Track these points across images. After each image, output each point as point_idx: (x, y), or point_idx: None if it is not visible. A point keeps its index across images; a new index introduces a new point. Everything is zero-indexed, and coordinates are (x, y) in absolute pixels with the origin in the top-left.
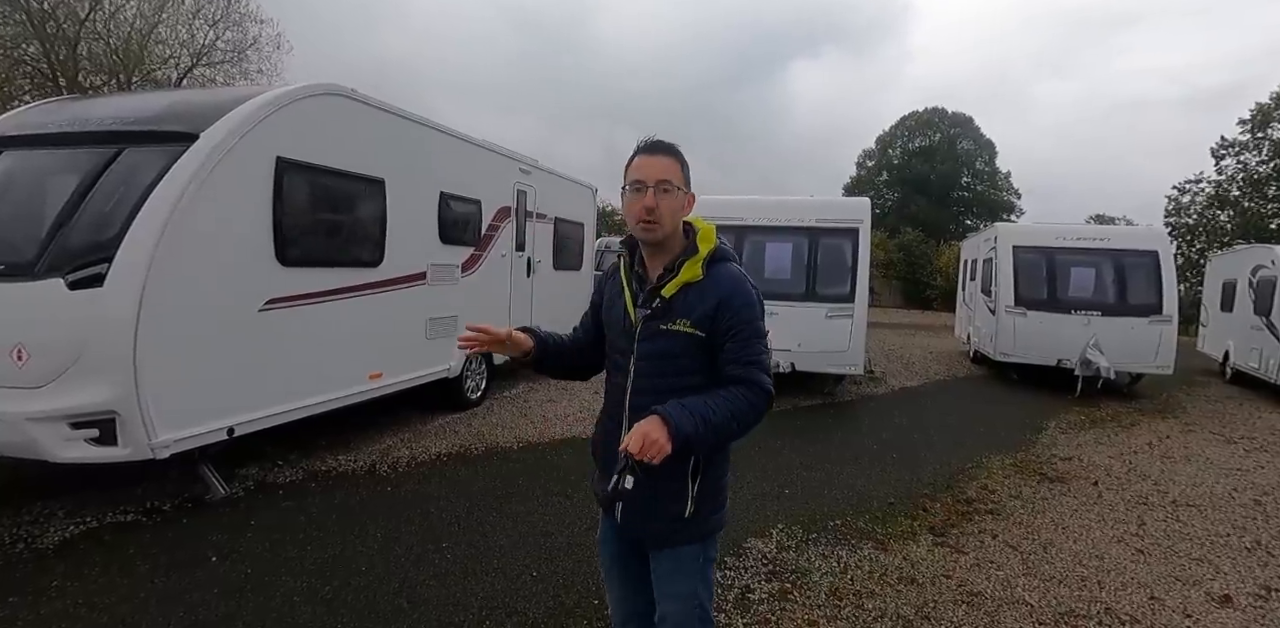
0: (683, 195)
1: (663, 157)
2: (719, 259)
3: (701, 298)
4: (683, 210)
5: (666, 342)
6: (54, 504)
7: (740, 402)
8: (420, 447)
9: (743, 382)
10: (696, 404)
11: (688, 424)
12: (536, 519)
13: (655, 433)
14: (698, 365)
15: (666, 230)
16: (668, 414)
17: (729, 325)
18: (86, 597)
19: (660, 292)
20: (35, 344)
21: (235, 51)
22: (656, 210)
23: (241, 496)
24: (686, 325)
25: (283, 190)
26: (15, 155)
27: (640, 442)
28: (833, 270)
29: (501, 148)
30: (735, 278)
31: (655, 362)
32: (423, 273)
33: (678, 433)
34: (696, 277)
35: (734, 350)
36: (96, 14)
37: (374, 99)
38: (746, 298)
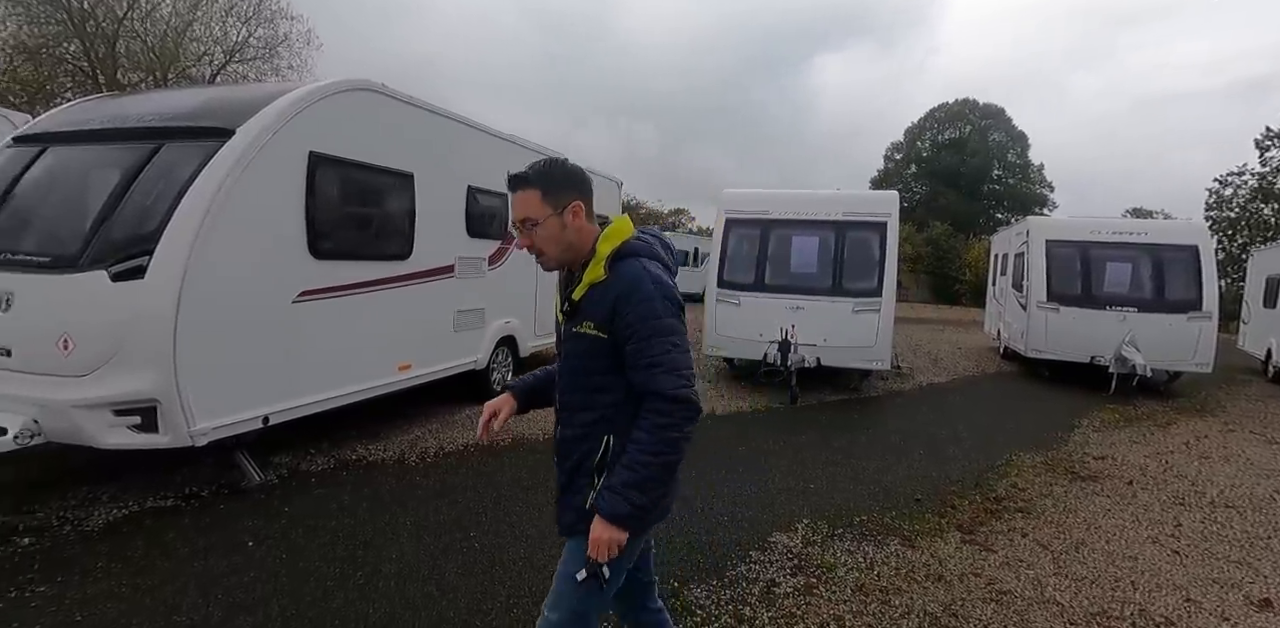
0: (553, 220)
1: (520, 192)
2: (625, 256)
3: (601, 299)
4: (565, 230)
5: (578, 344)
6: (98, 489)
7: (655, 433)
8: (448, 438)
9: (648, 394)
10: (621, 476)
11: (621, 505)
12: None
13: (604, 533)
14: (609, 365)
15: (555, 258)
16: (600, 509)
17: (625, 325)
18: (130, 578)
19: (571, 295)
20: (80, 334)
21: (267, 48)
22: (534, 246)
23: (275, 483)
24: (591, 327)
25: (315, 184)
26: (59, 151)
27: (598, 549)
28: (860, 264)
29: (528, 142)
30: (632, 274)
31: (572, 361)
32: (450, 266)
33: (617, 518)
34: (599, 277)
35: (633, 353)
36: (134, 12)
37: (404, 94)
38: (641, 294)
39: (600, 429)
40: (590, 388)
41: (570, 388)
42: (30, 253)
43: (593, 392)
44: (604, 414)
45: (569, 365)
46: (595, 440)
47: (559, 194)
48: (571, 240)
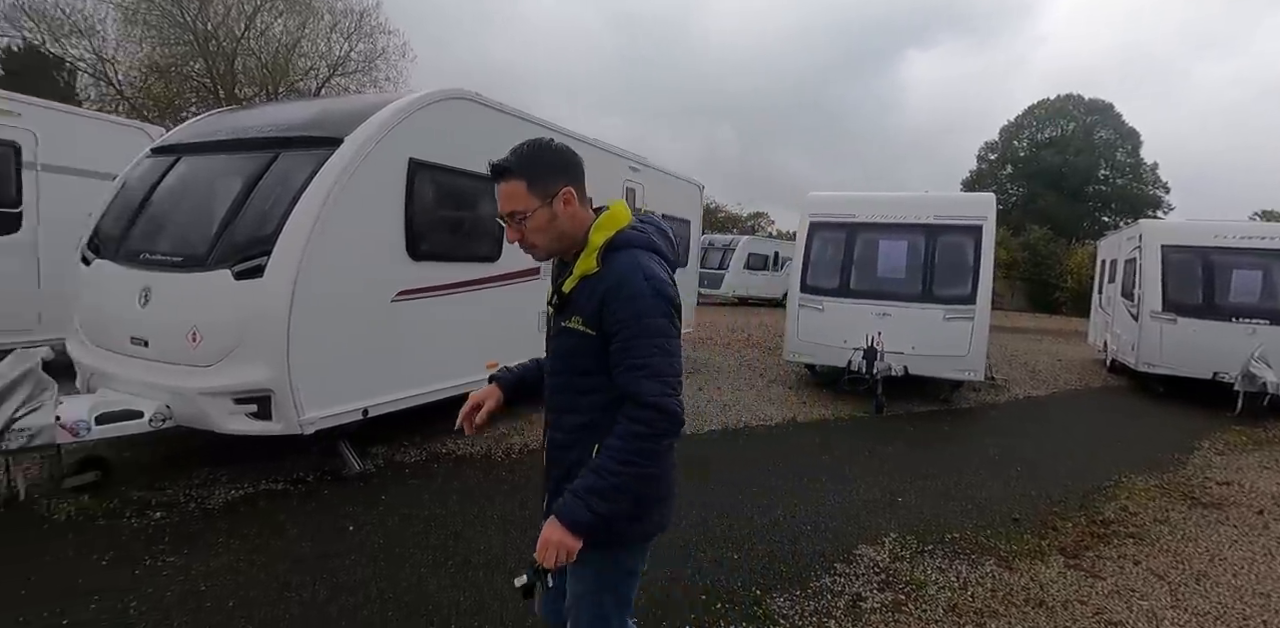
0: (543, 211)
1: (505, 182)
2: (620, 246)
3: (591, 293)
4: (556, 220)
5: (566, 340)
6: (218, 471)
7: (629, 441)
8: (532, 435)
9: (630, 398)
10: (587, 480)
11: (581, 512)
12: None
13: (554, 536)
14: (597, 365)
15: (546, 249)
16: (558, 512)
17: (613, 322)
18: (246, 554)
19: (561, 288)
20: (207, 328)
21: (366, 61)
22: (524, 240)
23: (373, 472)
24: (579, 323)
25: (413, 189)
26: (190, 161)
27: (544, 551)
28: (952, 270)
29: (612, 146)
30: (624, 268)
31: (561, 360)
32: (536, 268)
33: (574, 524)
34: (591, 269)
35: (617, 353)
36: (250, 32)
37: (495, 101)
38: (631, 289)
39: (588, 436)
40: (577, 389)
41: (558, 388)
42: (166, 253)
43: (580, 393)
44: (592, 419)
45: (556, 364)
46: (584, 448)
47: (547, 182)
48: (563, 230)
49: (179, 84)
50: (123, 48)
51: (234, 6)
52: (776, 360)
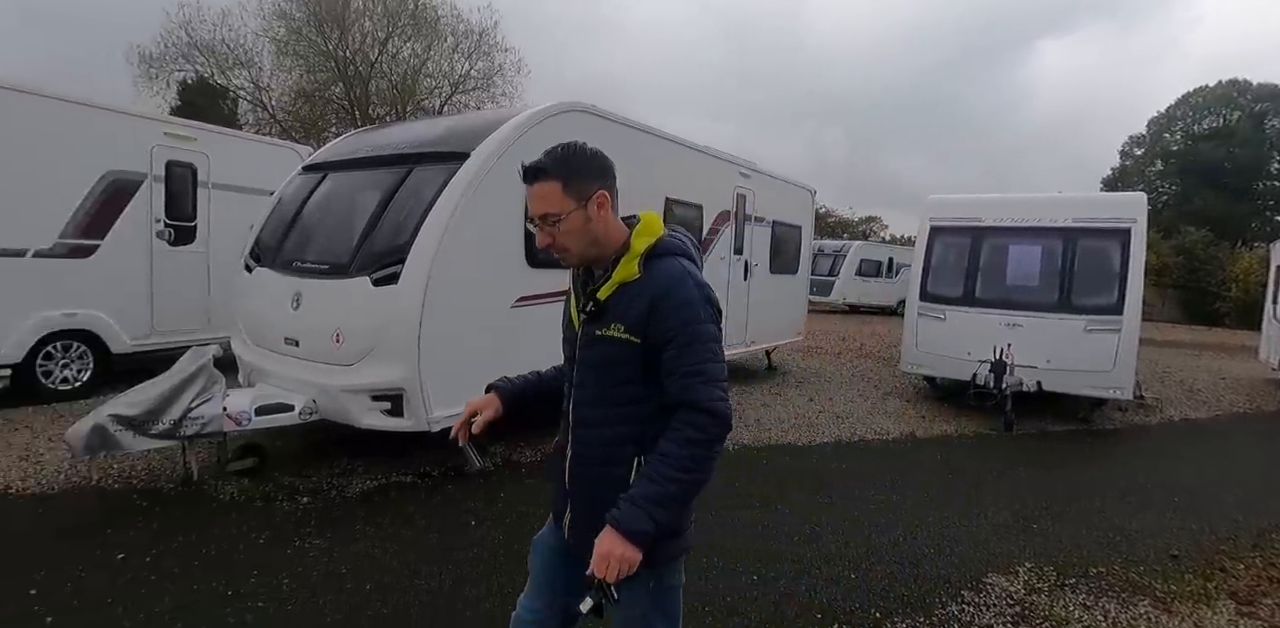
0: (577, 214)
1: (539, 184)
2: (661, 254)
3: (635, 300)
4: (590, 223)
5: (603, 348)
6: (355, 462)
7: (687, 448)
8: None
9: (684, 404)
10: (644, 488)
11: (643, 521)
12: (755, 524)
13: (615, 548)
14: (638, 374)
15: (579, 254)
16: (617, 521)
17: (665, 329)
18: (381, 542)
19: (596, 294)
20: (348, 330)
21: (485, 78)
22: (555, 244)
23: (492, 470)
24: (621, 331)
25: None
26: (335, 177)
27: (605, 564)
28: (1095, 277)
29: (722, 153)
30: (674, 274)
31: (595, 370)
32: None
33: (635, 535)
34: (632, 275)
35: (672, 360)
36: (382, 56)
37: (610, 113)
38: (684, 296)
39: (627, 449)
40: (615, 401)
41: (589, 401)
42: (314, 261)
43: (618, 405)
44: (631, 431)
45: (589, 374)
46: (621, 463)
47: (582, 184)
48: (597, 235)
49: (321, 107)
50: (276, 76)
51: (369, 34)
52: (892, 372)
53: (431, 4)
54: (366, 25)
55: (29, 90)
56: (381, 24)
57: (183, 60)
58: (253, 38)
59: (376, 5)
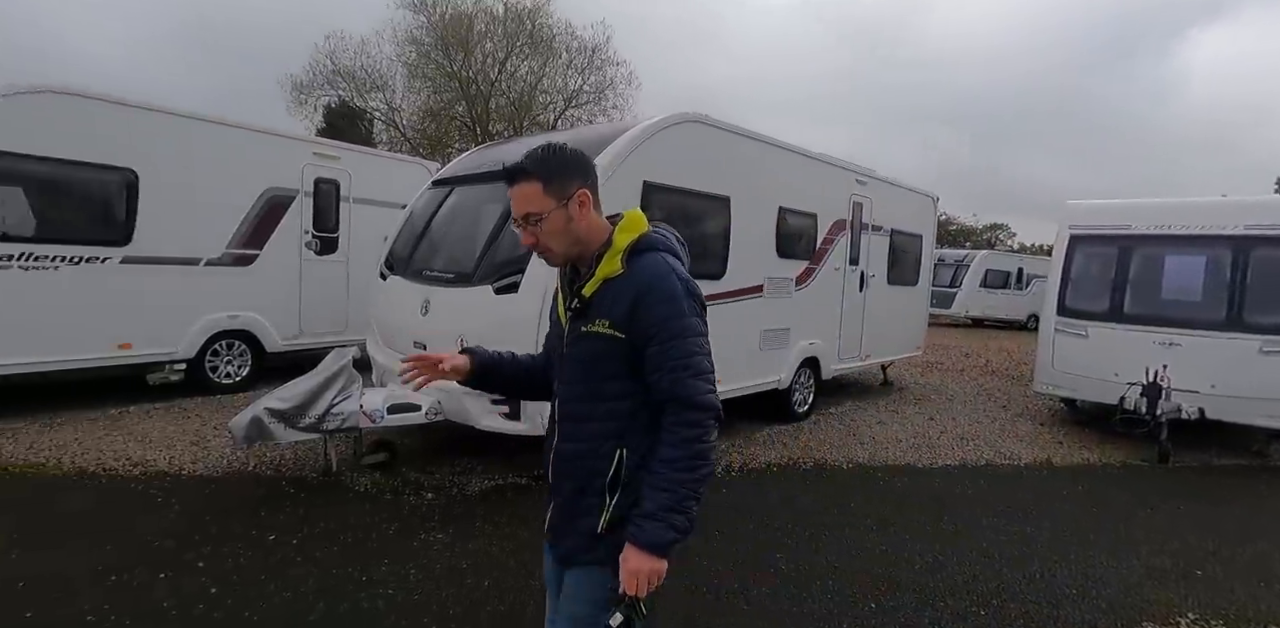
0: (559, 214)
1: (520, 185)
2: (644, 249)
3: (619, 295)
4: (572, 222)
5: (589, 344)
6: (473, 461)
7: (684, 447)
8: (750, 454)
9: (671, 401)
10: (658, 499)
11: (664, 533)
12: (873, 547)
13: (644, 564)
14: (623, 370)
15: (562, 254)
16: (634, 537)
17: (648, 324)
18: (499, 541)
19: (581, 291)
20: (472, 335)
21: (597, 92)
22: (539, 244)
23: None
24: (605, 326)
25: (646, 210)
26: (460, 191)
27: (634, 581)
28: (1274, 292)
29: (838, 159)
30: (656, 269)
31: (581, 366)
32: (759, 286)
33: (660, 547)
34: (615, 271)
35: (656, 356)
36: (502, 75)
37: (723, 122)
38: (667, 291)
39: (610, 443)
40: (600, 396)
41: (574, 396)
42: (441, 270)
43: (602, 400)
44: (615, 425)
45: (574, 370)
46: (605, 456)
47: (563, 184)
48: (579, 234)
49: (446, 124)
50: (406, 98)
51: (490, 54)
52: (1023, 391)
53: (547, 23)
54: (488, 46)
55: (210, 118)
56: (501, 44)
57: (327, 86)
58: (387, 63)
59: (497, 27)
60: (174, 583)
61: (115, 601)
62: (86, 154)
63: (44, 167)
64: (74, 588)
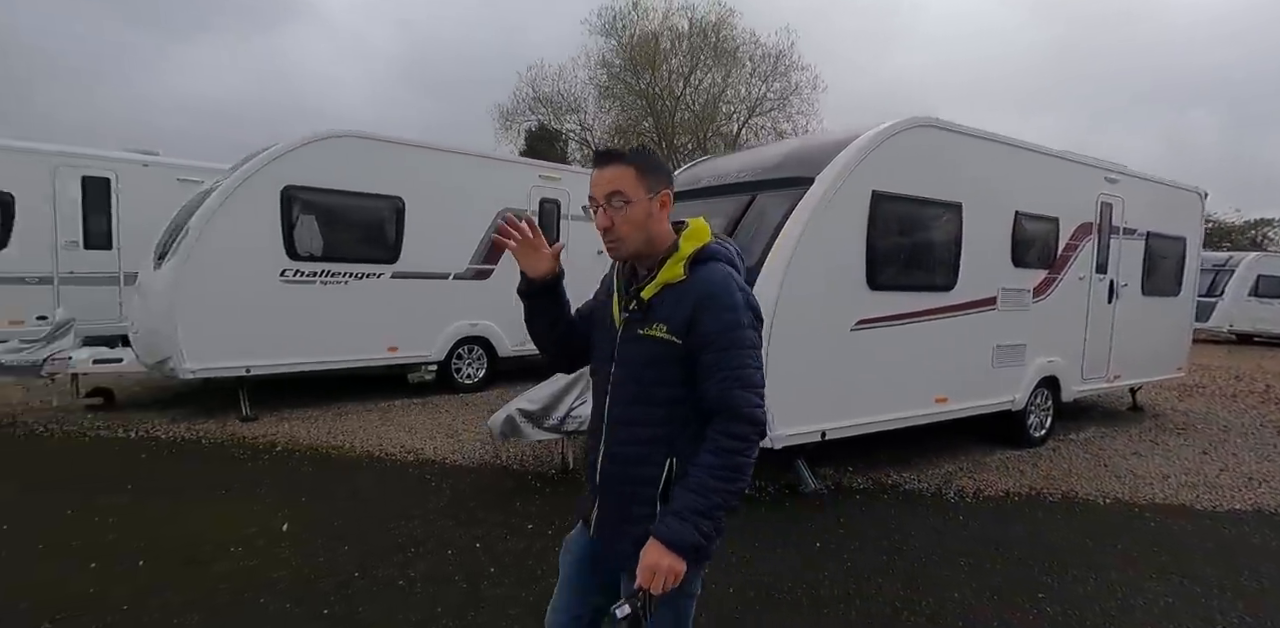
0: (646, 202)
1: (612, 167)
2: (707, 259)
3: (680, 301)
4: (651, 218)
5: (644, 348)
6: None
7: (724, 457)
8: (983, 479)
9: (721, 410)
10: (688, 501)
11: (689, 533)
12: (1157, 598)
13: (663, 560)
14: (676, 376)
15: (632, 246)
16: (663, 535)
17: (706, 332)
18: (740, 551)
19: (640, 293)
20: None
21: (781, 99)
22: (613, 229)
23: (825, 493)
24: (663, 331)
25: (875, 221)
26: (680, 207)
27: (649, 575)
28: None
29: (1083, 157)
30: (718, 278)
31: (633, 369)
32: (992, 298)
33: (682, 547)
34: (677, 277)
35: (709, 365)
36: (687, 89)
37: (955, 124)
38: (728, 301)
39: (661, 450)
40: (653, 401)
41: (625, 400)
42: None
43: (655, 405)
44: (666, 432)
45: (626, 373)
46: (656, 463)
47: (654, 178)
48: (652, 232)
49: (634, 140)
50: (597, 117)
51: (674, 70)
52: None
53: (731, 35)
54: (673, 62)
55: (456, 150)
56: (686, 60)
57: (529, 112)
58: (580, 86)
59: (682, 43)
60: (460, 558)
61: (416, 568)
62: (369, 186)
63: (338, 198)
64: (385, 556)
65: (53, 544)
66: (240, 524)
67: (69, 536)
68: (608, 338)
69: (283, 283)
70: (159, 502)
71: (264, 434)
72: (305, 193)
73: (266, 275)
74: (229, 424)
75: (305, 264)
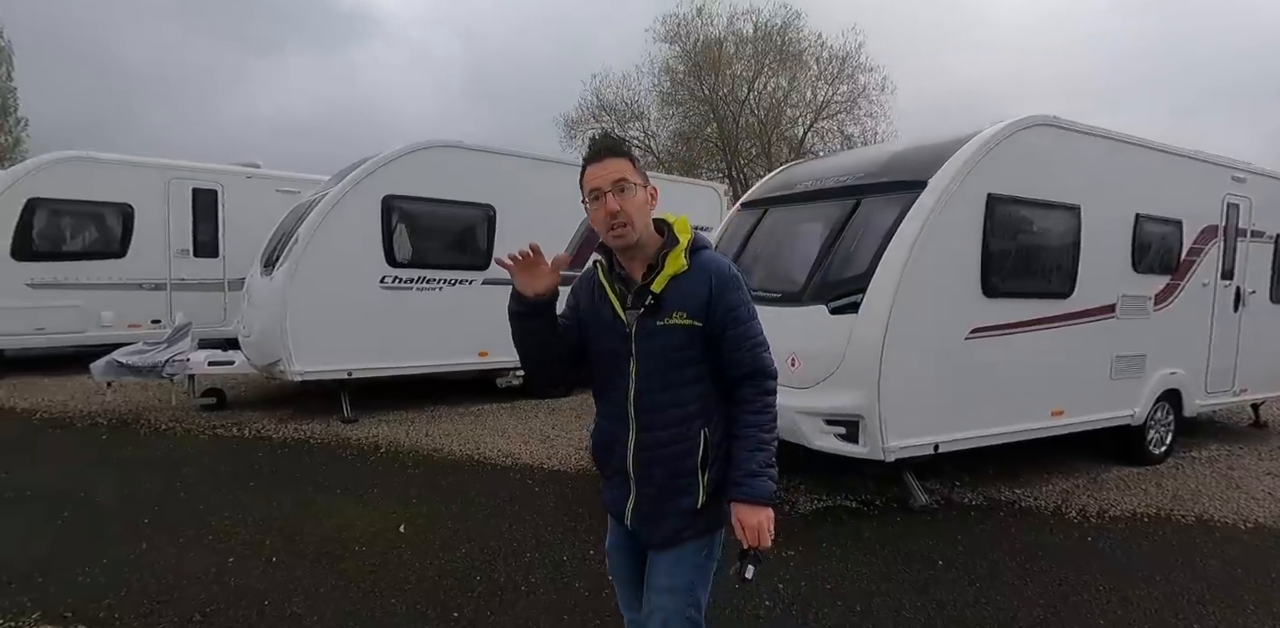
0: (644, 191)
1: (612, 159)
2: (699, 248)
3: (693, 288)
4: (648, 206)
5: (666, 337)
6: (797, 480)
7: (766, 412)
8: (1105, 498)
9: (750, 371)
10: (756, 457)
11: (764, 485)
12: None
13: (757, 517)
14: (700, 355)
15: (638, 230)
16: (745, 494)
17: (726, 309)
18: (853, 566)
19: (650, 288)
20: (804, 355)
21: (848, 101)
22: (622, 212)
23: (936, 508)
24: (684, 318)
25: (990, 226)
26: (776, 211)
27: (757, 534)
28: None
29: (1209, 155)
30: (720, 263)
31: (658, 358)
32: (1111, 305)
33: (766, 497)
34: (682, 267)
35: (737, 337)
36: (750, 94)
37: (1074, 122)
38: (735, 281)
39: (697, 423)
40: (683, 381)
41: (656, 387)
42: (765, 289)
43: (685, 385)
44: (699, 407)
45: (652, 364)
46: (692, 437)
47: (642, 173)
48: (648, 220)
49: (698, 146)
50: (660, 124)
51: (739, 75)
52: None
53: (797, 38)
54: (737, 68)
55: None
56: (750, 64)
57: (592, 120)
58: (644, 93)
59: (746, 47)
60: (575, 566)
61: (536, 574)
62: (462, 194)
63: (433, 207)
64: (503, 560)
65: (192, 539)
66: (359, 524)
67: (206, 531)
68: (616, 338)
69: (383, 289)
70: (282, 500)
71: (366, 436)
72: (404, 202)
73: (368, 282)
74: (332, 425)
75: (403, 271)
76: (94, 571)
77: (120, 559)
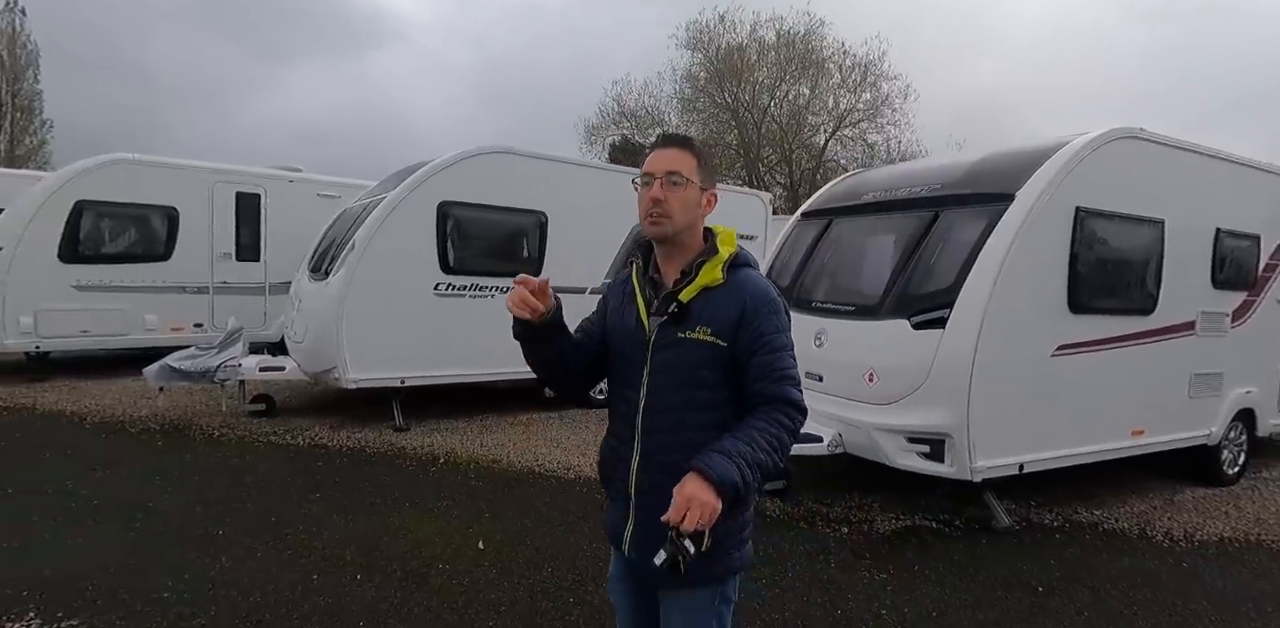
0: (697, 191)
1: (675, 149)
2: (740, 264)
3: (724, 305)
4: (699, 207)
5: (684, 351)
6: (868, 497)
7: (777, 428)
8: (1187, 521)
9: (774, 400)
10: (733, 444)
11: (731, 471)
12: None
13: (699, 493)
14: (719, 378)
15: (677, 225)
16: (705, 466)
17: (756, 335)
18: (947, 591)
19: (678, 296)
20: (883, 370)
21: (871, 109)
22: (664, 203)
23: (1018, 529)
24: (707, 334)
25: (1078, 239)
26: (842, 222)
27: (683, 509)
28: None
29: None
30: (761, 284)
31: (672, 374)
32: (1191, 322)
33: (723, 483)
34: (716, 280)
35: (763, 365)
36: (773, 101)
37: (1160, 135)
38: (773, 306)
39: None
40: (695, 404)
41: (666, 405)
42: (836, 302)
43: (698, 409)
44: (707, 437)
45: (667, 378)
46: None
47: (709, 175)
48: (695, 223)
49: (719, 154)
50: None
51: (760, 82)
52: None
53: (819, 45)
54: (759, 75)
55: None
56: (772, 72)
57: (613, 126)
58: (665, 100)
59: (768, 54)
60: None
61: None
62: (515, 201)
63: (487, 213)
64: (592, 581)
65: (269, 553)
66: (437, 540)
67: (282, 544)
68: (635, 345)
69: (436, 296)
70: (352, 512)
71: (421, 445)
72: (458, 208)
73: (423, 288)
74: (384, 434)
75: (456, 278)
76: (179, 587)
77: (202, 576)
